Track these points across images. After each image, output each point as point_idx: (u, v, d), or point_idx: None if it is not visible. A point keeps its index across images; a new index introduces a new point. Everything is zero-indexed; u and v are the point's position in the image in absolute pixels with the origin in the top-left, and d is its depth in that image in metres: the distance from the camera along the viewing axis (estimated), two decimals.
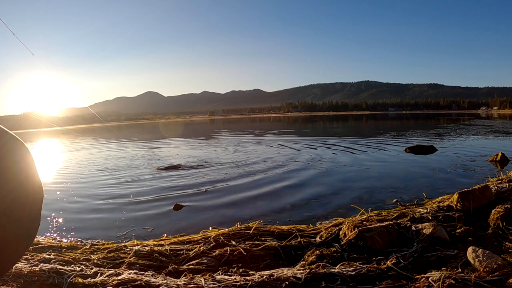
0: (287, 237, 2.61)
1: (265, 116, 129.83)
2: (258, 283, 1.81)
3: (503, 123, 26.10)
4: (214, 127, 37.94)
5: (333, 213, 3.65)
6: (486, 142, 11.34)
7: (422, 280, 1.78)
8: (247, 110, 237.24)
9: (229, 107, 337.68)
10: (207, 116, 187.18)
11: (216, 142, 14.83)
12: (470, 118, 39.52)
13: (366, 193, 4.59)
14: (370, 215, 3.00)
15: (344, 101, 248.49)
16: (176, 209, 3.96)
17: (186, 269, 2.13)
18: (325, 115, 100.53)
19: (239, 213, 3.81)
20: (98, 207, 4.00)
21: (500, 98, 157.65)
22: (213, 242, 2.52)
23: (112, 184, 5.48)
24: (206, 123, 61.11)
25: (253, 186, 5.27)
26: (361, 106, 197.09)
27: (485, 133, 15.32)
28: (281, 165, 7.30)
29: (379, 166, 6.91)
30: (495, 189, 3.25)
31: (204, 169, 7.03)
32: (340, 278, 1.86)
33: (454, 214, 2.85)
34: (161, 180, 5.84)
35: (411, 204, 3.84)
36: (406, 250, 2.24)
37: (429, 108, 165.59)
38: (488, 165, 6.52)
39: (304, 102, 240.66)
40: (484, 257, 1.90)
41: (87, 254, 2.31)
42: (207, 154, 10.25)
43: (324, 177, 5.85)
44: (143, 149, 12.97)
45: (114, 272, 1.97)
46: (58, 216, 3.74)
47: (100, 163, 8.68)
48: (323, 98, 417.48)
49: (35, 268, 1.99)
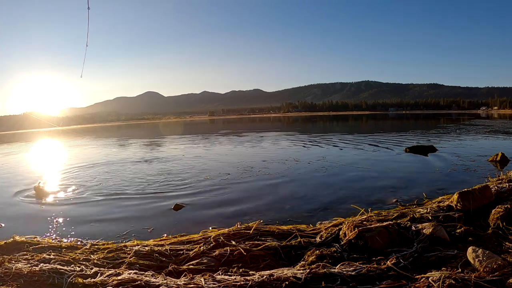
0: (287, 237, 2.61)
1: (265, 116, 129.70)
2: (258, 283, 1.81)
3: (503, 123, 26.09)
4: (214, 127, 37.94)
5: (333, 213, 3.65)
6: (486, 142, 11.34)
7: (422, 280, 1.78)
8: (247, 110, 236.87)
9: (229, 107, 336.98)
10: (207, 116, 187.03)
11: (216, 142, 14.82)
12: (470, 118, 39.51)
13: (366, 193, 4.59)
14: (370, 215, 3.00)
15: (344, 101, 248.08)
16: (176, 209, 3.96)
17: (186, 269, 2.13)
18: (325, 115, 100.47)
19: (239, 213, 3.81)
20: (98, 207, 4.00)
21: (500, 98, 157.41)
22: (213, 242, 2.52)
23: (112, 184, 5.47)
24: (206, 123, 61.10)
25: (253, 186, 5.27)
26: (361, 106, 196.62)
27: (485, 133, 15.32)
28: (281, 165, 7.30)
29: (379, 166, 6.91)
30: (495, 189, 3.25)
31: (205, 169, 7.02)
32: (340, 278, 1.86)
33: (454, 214, 2.85)
34: (161, 180, 5.83)
35: (411, 204, 3.84)
36: (406, 250, 2.24)
37: (429, 108, 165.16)
38: (488, 165, 6.52)
39: (304, 102, 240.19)
40: (484, 257, 1.90)
41: (87, 254, 2.31)
42: (207, 154, 10.24)
43: (324, 177, 5.85)
44: (142, 149, 12.97)
45: (114, 272, 1.97)
46: (58, 216, 3.74)
47: (100, 163, 8.67)
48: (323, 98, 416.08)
49: (35, 268, 1.99)
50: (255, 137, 17.03)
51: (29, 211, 4.03)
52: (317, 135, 17.24)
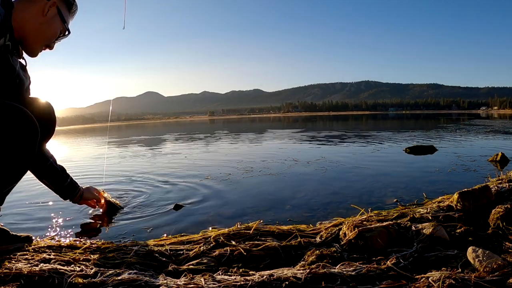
0: (287, 237, 2.61)
1: (265, 116, 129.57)
2: (258, 283, 1.81)
3: (503, 123, 26.08)
4: (214, 127, 37.94)
5: (333, 213, 3.65)
6: (486, 142, 11.33)
7: (422, 280, 1.78)
8: (247, 110, 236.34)
9: (229, 107, 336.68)
10: (207, 116, 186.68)
11: (216, 142, 14.82)
12: (470, 118, 39.49)
13: (366, 193, 4.58)
14: (370, 215, 3.00)
15: (344, 101, 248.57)
16: (176, 209, 3.96)
17: (186, 269, 2.13)
18: (325, 115, 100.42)
19: (239, 213, 3.81)
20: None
21: (500, 98, 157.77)
22: (213, 242, 2.52)
23: (111, 183, 5.47)
24: (206, 123, 61.09)
25: (253, 186, 5.27)
26: (361, 106, 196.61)
27: (485, 133, 15.30)
28: (281, 165, 7.30)
29: (379, 166, 6.91)
30: (495, 189, 3.25)
31: (205, 169, 7.02)
32: (340, 278, 1.85)
33: (454, 214, 2.85)
34: (161, 180, 5.84)
35: (411, 204, 3.83)
36: (406, 250, 2.24)
37: (429, 108, 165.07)
38: (488, 165, 6.52)
39: (304, 102, 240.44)
40: (484, 257, 1.90)
41: (87, 254, 2.31)
42: (208, 154, 10.25)
43: (324, 177, 5.85)
44: (142, 147, 12.97)
45: (114, 272, 1.97)
46: (58, 216, 3.74)
47: (99, 162, 8.68)
48: (323, 98, 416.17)
49: (35, 268, 1.99)
50: (255, 137, 17.03)
51: (29, 211, 4.03)
52: (317, 135, 17.23)
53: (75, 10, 2.72)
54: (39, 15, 2.41)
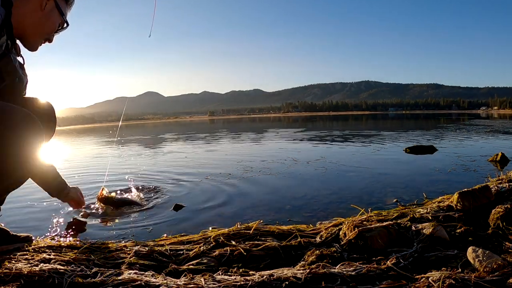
0: (287, 237, 2.61)
1: (265, 116, 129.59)
2: (258, 283, 1.81)
3: (503, 123, 26.08)
4: (214, 127, 37.93)
5: (333, 213, 3.65)
6: (486, 142, 11.33)
7: (422, 280, 1.78)
8: (247, 110, 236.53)
9: (229, 107, 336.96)
10: (207, 116, 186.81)
11: (216, 142, 14.82)
12: (470, 118, 39.49)
13: (366, 193, 4.58)
14: (370, 215, 3.00)
15: (344, 101, 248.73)
16: (176, 209, 3.96)
17: (186, 269, 2.12)
18: (325, 115, 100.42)
19: (239, 213, 3.81)
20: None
21: (500, 98, 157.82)
22: (213, 242, 2.52)
23: (112, 181, 5.47)
24: (206, 123, 61.08)
25: (253, 186, 5.27)
26: (361, 106, 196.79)
27: (485, 133, 15.30)
28: (280, 164, 7.30)
29: (379, 166, 6.91)
30: (495, 189, 3.25)
31: (205, 168, 7.02)
32: (340, 278, 1.85)
33: (454, 214, 2.85)
34: (161, 179, 5.84)
35: (411, 204, 3.83)
36: (406, 250, 2.24)
37: (429, 108, 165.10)
38: (488, 165, 6.52)
39: (304, 102, 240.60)
40: (484, 257, 1.90)
41: (87, 254, 2.31)
42: (208, 154, 10.25)
43: (324, 177, 5.85)
44: (143, 148, 12.97)
45: (114, 272, 1.97)
46: (58, 216, 3.74)
47: (98, 161, 8.69)
48: (323, 98, 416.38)
49: (35, 268, 1.99)
50: (255, 137, 17.03)
51: (29, 211, 4.03)
52: (317, 135, 17.24)
53: (72, 2, 2.70)
54: (37, 9, 2.40)
